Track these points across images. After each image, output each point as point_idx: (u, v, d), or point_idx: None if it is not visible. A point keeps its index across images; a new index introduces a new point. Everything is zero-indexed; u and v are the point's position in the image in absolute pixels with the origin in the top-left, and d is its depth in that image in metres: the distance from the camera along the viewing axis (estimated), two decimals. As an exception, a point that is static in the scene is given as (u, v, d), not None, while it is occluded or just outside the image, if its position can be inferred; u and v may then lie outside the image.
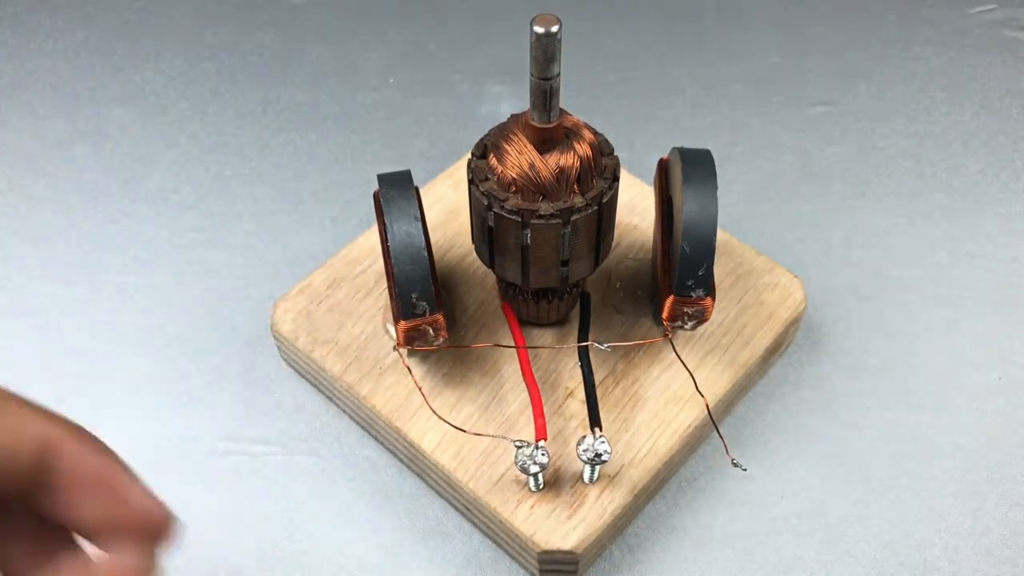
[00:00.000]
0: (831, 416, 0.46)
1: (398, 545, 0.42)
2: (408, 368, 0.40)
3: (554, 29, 0.33)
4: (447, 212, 0.49)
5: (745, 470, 0.44)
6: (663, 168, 0.44)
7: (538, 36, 0.33)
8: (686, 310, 0.39)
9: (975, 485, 0.44)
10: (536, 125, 0.36)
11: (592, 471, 0.39)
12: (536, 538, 0.39)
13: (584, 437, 0.39)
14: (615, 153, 0.38)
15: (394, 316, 0.39)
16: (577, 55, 0.62)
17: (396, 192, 0.38)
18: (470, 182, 0.38)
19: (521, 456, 0.38)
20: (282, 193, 0.55)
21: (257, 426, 0.46)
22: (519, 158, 0.36)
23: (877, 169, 0.56)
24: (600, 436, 0.39)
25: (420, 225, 0.38)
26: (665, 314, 0.39)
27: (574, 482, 0.40)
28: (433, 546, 0.42)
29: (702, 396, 0.40)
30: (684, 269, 0.38)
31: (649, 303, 0.45)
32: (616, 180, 0.38)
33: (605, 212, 0.38)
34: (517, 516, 0.39)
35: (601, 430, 0.39)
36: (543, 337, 0.44)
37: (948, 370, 0.47)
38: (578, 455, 0.39)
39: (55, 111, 0.59)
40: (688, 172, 0.39)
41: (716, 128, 0.58)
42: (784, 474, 0.44)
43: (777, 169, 0.56)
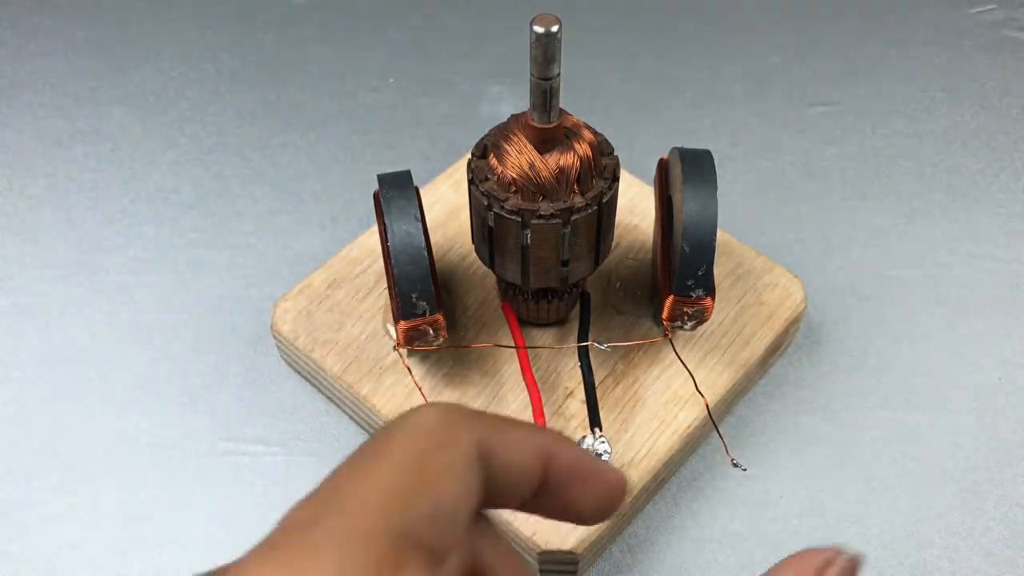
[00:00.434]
0: (831, 416, 0.46)
1: (398, 545, 0.42)
2: (408, 368, 0.40)
3: (554, 29, 0.33)
4: (447, 212, 0.49)
5: (745, 470, 0.44)
6: (663, 168, 0.44)
7: (538, 36, 0.33)
8: (686, 310, 0.39)
9: (975, 485, 0.44)
10: (536, 125, 0.36)
11: (592, 471, 0.39)
12: (536, 538, 0.39)
13: (584, 437, 0.39)
14: (615, 153, 0.38)
15: (394, 316, 0.40)
16: (577, 55, 0.62)
17: (396, 192, 0.38)
18: (470, 182, 0.38)
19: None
20: (282, 193, 0.55)
21: (257, 426, 0.46)
22: (519, 158, 0.36)
23: (877, 169, 0.56)
24: (600, 436, 0.39)
25: (420, 225, 0.38)
26: (665, 314, 0.39)
27: (574, 482, 0.40)
28: (433, 546, 0.42)
29: (702, 396, 0.41)
30: (684, 269, 0.38)
31: (649, 303, 0.45)
32: (616, 180, 0.38)
33: (605, 212, 0.38)
34: (517, 516, 0.39)
35: (601, 430, 0.39)
36: (543, 337, 0.44)
37: (948, 370, 0.47)
38: (578, 455, 0.39)
39: (55, 111, 0.59)
40: (688, 172, 0.39)
41: (716, 128, 0.58)
42: (784, 474, 0.44)
43: (777, 169, 0.56)
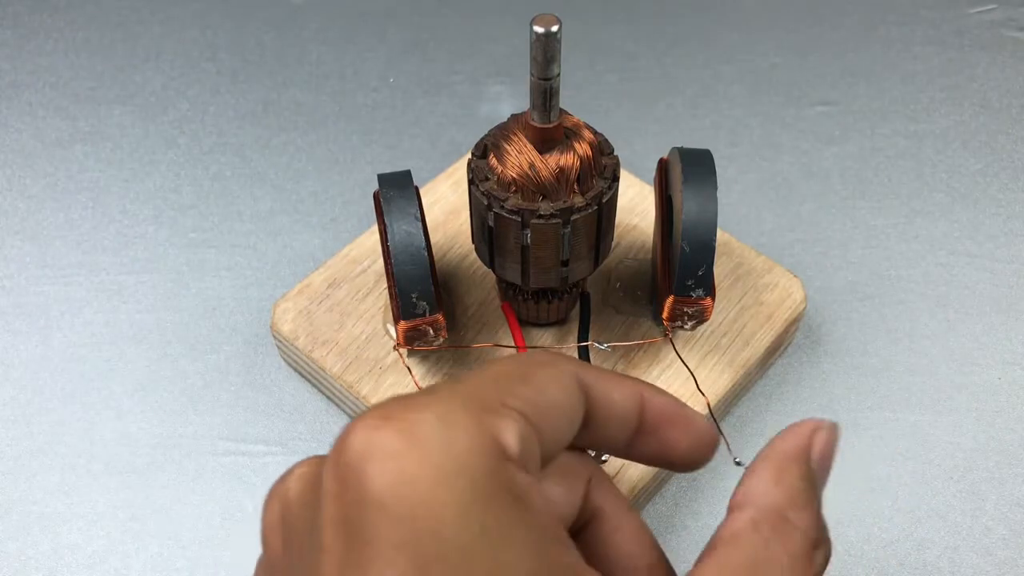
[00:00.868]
0: (831, 416, 0.46)
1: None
2: (408, 368, 0.40)
3: (554, 29, 0.33)
4: (447, 212, 0.49)
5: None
6: (663, 168, 0.44)
7: (538, 36, 0.33)
8: (686, 310, 0.39)
9: (975, 485, 0.44)
10: (536, 125, 0.36)
11: (592, 471, 0.39)
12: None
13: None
14: (615, 153, 0.38)
15: (394, 316, 0.39)
16: (577, 55, 0.62)
17: (396, 192, 0.38)
18: (470, 182, 0.38)
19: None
20: (282, 193, 0.55)
21: (257, 426, 0.46)
22: (519, 158, 0.36)
23: (877, 169, 0.56)
24: (600, 436, 0.39)
25: (420, 225, 0.38)
26: (665, 314, 0.39)
27: (574, 482, 0.40)
28: (433, 546, 0.42)
29: (703, 396, 0.40)
30: (684, 269, 0.38)
31: (649, 303, 0.45)
32: (616, 180, 0.38)
33: (605, 212, 0.38)
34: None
35: (601, 430, 0.39)
36: (543, 337, 0.44)
37: (948, 370, 0.47)
38: (578, 455, 0.39)
39: (55, 111, 0.59)
40: (688, 172, 0.39)
41: (716, 128, 0.58)
42: (784, 474, 0.44)
43: (777, 169, 0.56)
